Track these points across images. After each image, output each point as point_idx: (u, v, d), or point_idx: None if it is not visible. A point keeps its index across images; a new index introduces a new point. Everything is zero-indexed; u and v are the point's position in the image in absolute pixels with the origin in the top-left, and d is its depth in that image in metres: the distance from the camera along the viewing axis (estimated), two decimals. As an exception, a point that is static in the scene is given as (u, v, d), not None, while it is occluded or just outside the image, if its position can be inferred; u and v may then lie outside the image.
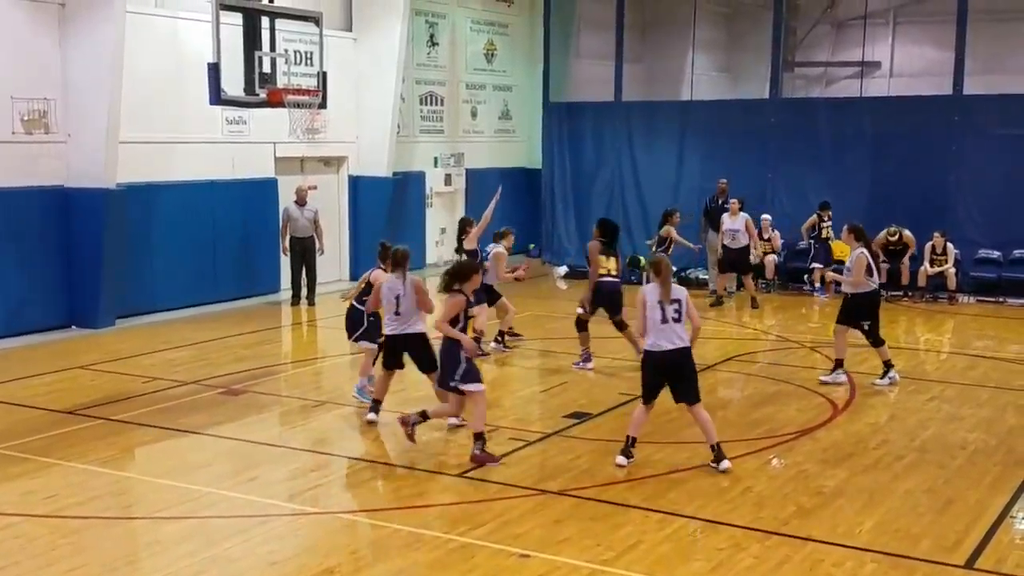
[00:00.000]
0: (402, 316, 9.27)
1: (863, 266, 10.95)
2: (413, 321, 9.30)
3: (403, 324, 9.29)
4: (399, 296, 9.22)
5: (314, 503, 7.80)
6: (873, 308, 11.25)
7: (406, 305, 9.22)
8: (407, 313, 9.25)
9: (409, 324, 9.29)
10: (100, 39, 13.54)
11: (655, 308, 8.23)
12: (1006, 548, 6.95)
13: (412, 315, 9.27)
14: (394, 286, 9.27)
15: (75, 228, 14.03)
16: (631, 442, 8.51)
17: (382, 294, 9.38)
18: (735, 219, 16.65)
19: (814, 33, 23.44)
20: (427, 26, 20.35)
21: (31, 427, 9.62)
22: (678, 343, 8.26)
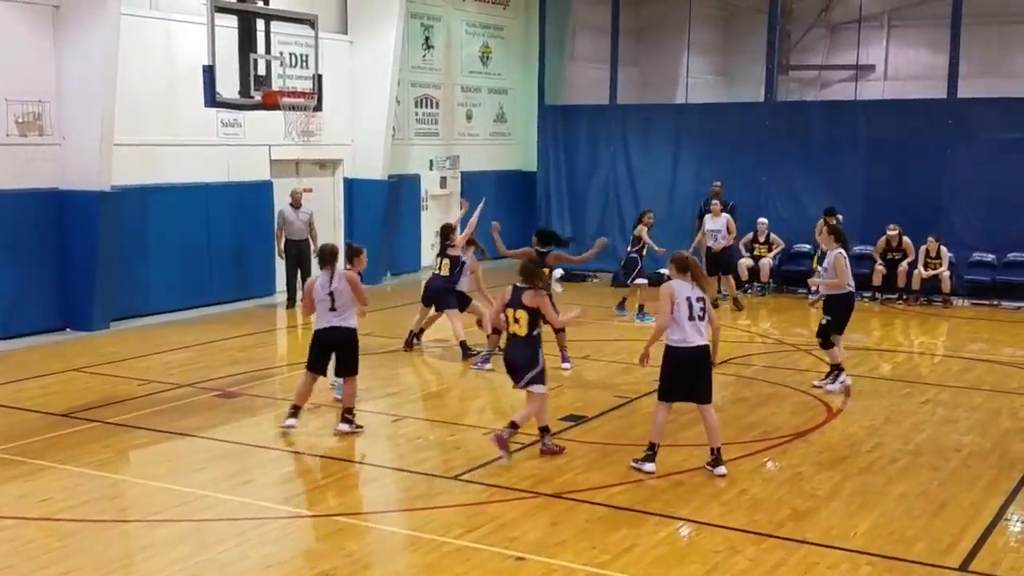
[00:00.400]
0: (338, 311, 9.26)
1: (843, 267, 10.98)
2: (347, 316, 9.30)
3: (337, 320, 9.28)
4: (333, 292, 9.20)
5: (309, 506, 7.79)
6: (848, 309, 11.24)
7: (342, 300, 9.23)
8: (343, 308, 9.26)
9: (343, 319, 9.29)
10: (95, 41, 13.53)
11: (683, 304, 8.18)
12: (1001, 551, 6.96)
13: (348, 309, 9.29)
14: (325, 283, 9.24)
15: (70, 231, 14.00)
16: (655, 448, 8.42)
17: (315, 293, 9.30)
18: (717, 220, 16.77)
19: (809, 36, 23.53)
20: (422, 29, 20.35)
21: (25, 430, 9.60)
22: (701, 341, 8.23)
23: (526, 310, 8.66)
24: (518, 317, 8.71)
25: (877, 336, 15.10)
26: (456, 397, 11.53)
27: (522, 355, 8.73)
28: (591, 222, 20.95)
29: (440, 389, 11.82)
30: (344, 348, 9.40)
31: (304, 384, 9.61)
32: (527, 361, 8.71)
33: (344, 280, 9.27)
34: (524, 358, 8.72)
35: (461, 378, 12.22)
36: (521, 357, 8.74)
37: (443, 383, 12.07)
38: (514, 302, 8.75)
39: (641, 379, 11.64)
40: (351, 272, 9.50)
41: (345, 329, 9.33)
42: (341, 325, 9.31)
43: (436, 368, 12.53)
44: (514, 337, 8.81)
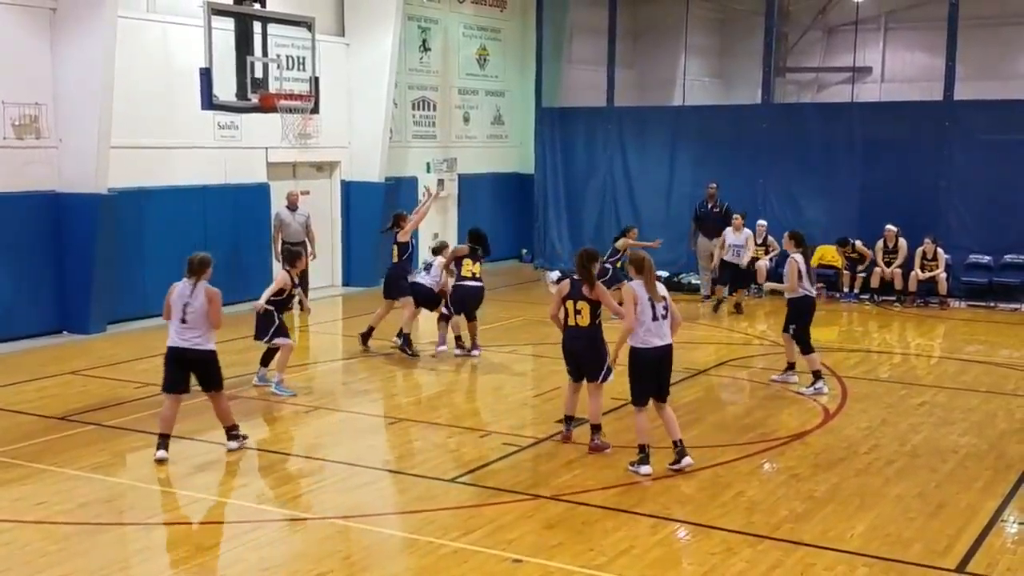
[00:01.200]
0: (188, 325, 8.70)
1: (795, 271, 11.12)
2: (201, 335, 8.72)
3: (192, 337, 8.70)
4: (187, 304, 8.70)
5: (306, 509, 7.79)
6: (803, 314, 11.31)
7: (195, 316, 8.70)
8: (194, 323, 8.70)
9: (196, 338, 8.70)
10: (91, 44, 13.52)
11: (647, 305, 8.32)
12: (997, 552, 6.97)
13: (202, 327, 8.73)
14: (184, 294, 8.76)
15: (66, 233, 13.99)
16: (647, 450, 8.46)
17: (171, 301, 8.79)
18: (738, 234, 16.61)
19: (806, 39, 23.56)
20: (419, 31, 20.36)
21: (22, 433, 9.59)
22: (663, 341, 8.39)
23: (587, 301, 8.86)
24: (580, 308, 8.89)
25: (873, 338, 15.11)
26: (453, 399, 11.52)
27: (590, 347, 8.95)
28: (588, 224, 20.98)
29: (437, 392, 11.81)
30: (201, 369, 8.83)
31: (167, 409, 8.79)
32: (597, 355, 8.93)
33: (203, 296, 8.73)
34: (592, 351, 8.95)
35: (458, 380, 12.22)
36: (589, 350, 8.95)
37: (440, 385, 12.06)
38: (575, 294, 8.90)
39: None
40: (214, 289, 8.87)
41: (199, 351, 8.74)
42: (194, 347, 8.70)
43: (433, 370, 12.52)
44: (576, 328, 8.95)
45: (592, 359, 8.97)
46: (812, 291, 11.39)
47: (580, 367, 9.07)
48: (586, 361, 9.01)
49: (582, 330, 8.92)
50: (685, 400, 10.96)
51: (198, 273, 8.89)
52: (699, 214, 17.74)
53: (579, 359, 9.04)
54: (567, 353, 9.13)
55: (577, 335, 8.96)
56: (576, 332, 8.97)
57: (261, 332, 11.04)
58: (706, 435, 9.72)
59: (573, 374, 9.19)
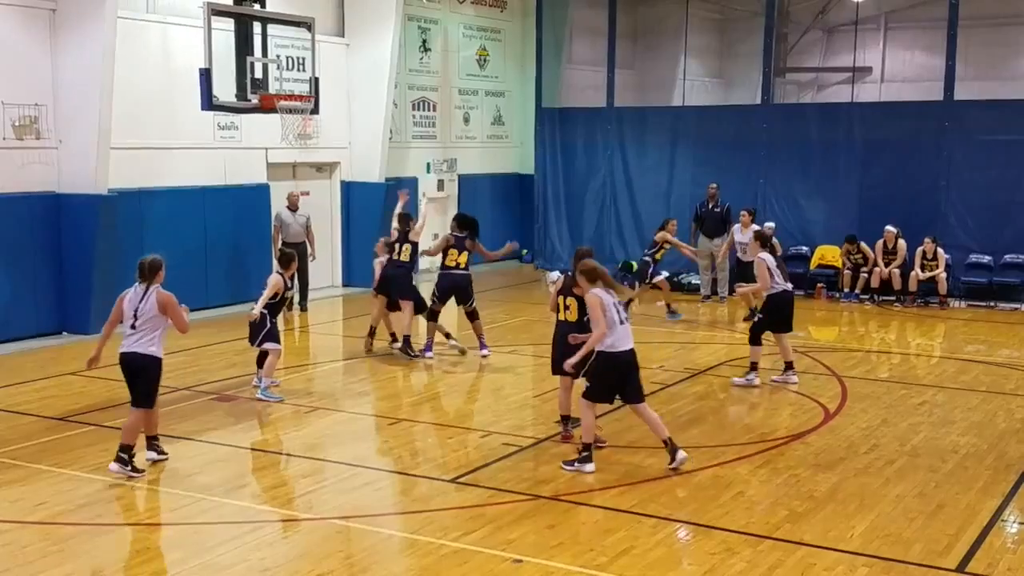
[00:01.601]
0: (137, 331, 8.34)
1: (763, 270, 11.30)
2: (149, 340, 8.35)
3: (137, 341, 8.35)
4: (137, 310, 8.34)
5: (307, 509, 7.79)
6: (781, 308, 11.47)
7: (145, 321, 8.33)
8: (144, 329, 8.33)
9: (143, 342, 8.35)
10: (91, 45, 13.53)
11: (612, 309, 8.37)
12: (997, 552, 6.97)
13: (151, 333, 8.35)
14: (135, 299, 8.39)
15: (66, 234, 14.00)
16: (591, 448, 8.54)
17: (123, 307, 8.42)
18: (746, 231, 16.33)
19: (805, 39, 23.56)
20: (419, 32, 20.37)
21: (22, 434, 9.59)
22: (631, 344, 8.47)
23: (576, 298, 8.94)
24: (568, 304, 9.01)
25: (874, 338, 15.11)
26: (454, 399, 11.52)
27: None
28: (588, 224, 20.99)
29: (438, 392, 11.81)
30: (141, 376, 8.40)
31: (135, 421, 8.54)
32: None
33: (155, 300, 8.35)
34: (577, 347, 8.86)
35: (459, 380, 12.22)
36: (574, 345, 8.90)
37: (441, 386, 12.06)
38: (566, 290, 9.03)
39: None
40: (167, 293, 8.48)
41: (143, 355, 8.34)
42: (139, 351, 8.33)
43: (433, 370, 12.53)
44: (565, 324, 9.04)
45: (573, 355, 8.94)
46: (788, 285, 11.56)
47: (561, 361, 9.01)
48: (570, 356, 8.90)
49: (570, 325, 9.01)
50: (685, 400, 10.97)
51: (149, 278, 8.46)
52: (700, 214, 17.74)
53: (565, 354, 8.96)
54: (556, 346, 9.17)
55: (566, 330, 9.04)
56: (565, 327, 9.05)
57: (252, 336, 10.97)
58: (706, 435, 9.72)
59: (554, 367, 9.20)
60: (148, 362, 8.37)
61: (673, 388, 11.46)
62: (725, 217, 17.34)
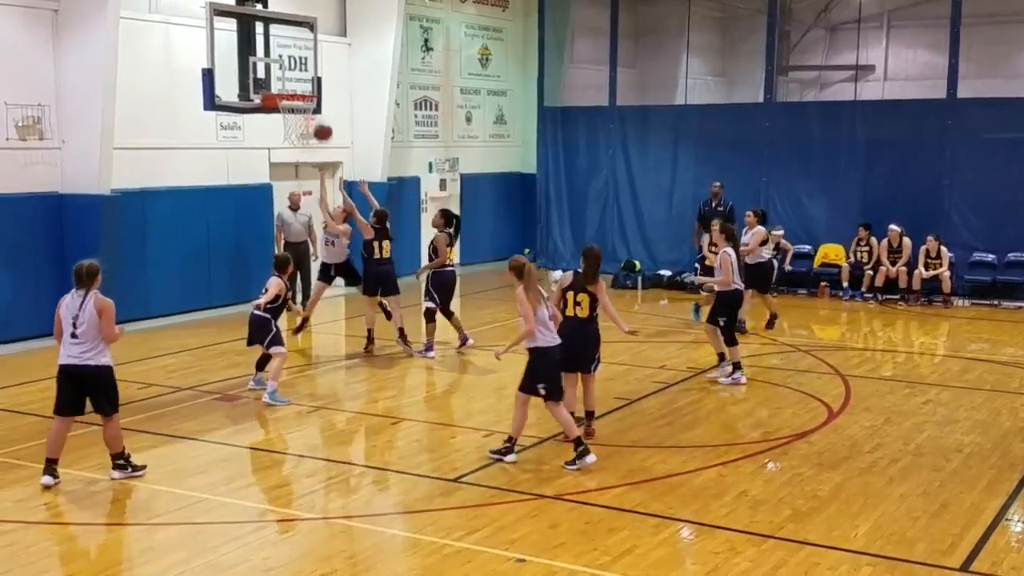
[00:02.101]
0: (79, 340, 8.03)
1: (728, 265, 11.32)
2: (95, 350, 8.06)
3: (83, 352, 8.04)
4: (76, 317, 8.01)
5: (309, 509, 7.79)
6: (733, 307, 11.60)
7: (85, 330, 8.02)
8: (86, 338, 8.02)
9: (87, 353, 8.05)
10: (94, 45, 13.52)
11: (542, 306, 8.59)
12: (1001, 551, 6.96)
13: (93, 341, 8.04)
14: (73, 306, 8.06)
15: (69, 234, 13.99)
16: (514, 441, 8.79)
17: (60, 315, 8.10)
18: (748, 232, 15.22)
19: (808, 37, 23.53)
20: (421, 31, 20.35)
21: (25, 434, 9.59)
22: (557, 341, 8.64)
23: (588, 294, 9.04)
24: (580, 300, 9.08)
25: (878, 337, 15.09)
26: (456, 399, 11.52)
27: (590, 338, 9.18)
28: (591, 224, 20.98)
29: (440, 391, 11.81)
30: (95, 388, 8.14)
31: (56, 432, 8.17)
32: (594, 347, 9.20)
33: (92, 307, 8.01)
34: (592, 341, 9.18)
35: (461, 380, 12.22)
36: (590, 340, 9.18)
37: (443, 385, 12.05)
38: (576, 286, 9.11)
39: (641, 381, 11.66)
40: (105, 300, 8.13)
41: (93, 368, 8.04)
42: (88, 363, 8.03)
43: (436, 370, 12.52)
44: (575, 320, 9.10)
45: (590, 350, 9.19)
46: (741, 284, 11.72)
47: (575, 358, 9.10)
48: (582, 352, 9.12)
49: (581, 321, 9.09)
50: (688, 399, 10.96)
51: (87, 283, 8.11)
52: (703, 213, 17.70)
53: (576, 350, 9.07)
54: (564, 343, 9.07)
55: (576, 326, 9.08)
56: (575, 323, 9.08)
57: (256, 338, 10.90)
58: (709, 434, 9.71)
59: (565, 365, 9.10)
60: (100, 372, 8.12)
61: (675, 387, 11.45)
62: (728, 216, 17.31)
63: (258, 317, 10.85)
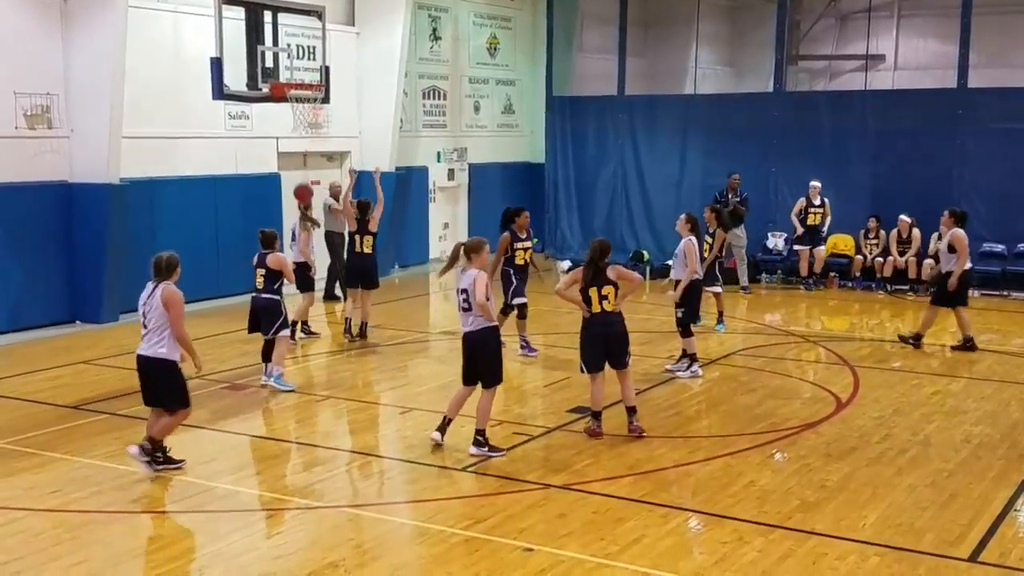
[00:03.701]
0: (147, 331, 8.08)
1: (693, 253, 11.32)
2: (159, 341, 8.04)
3: (149, 343, 8.08)
4: (145, 306, 8.10)
5: (318, 497, 7.81)
6: (693, 298, 11.59)
7: (152, 320, 8.04)
8: (154, 330, 8.04)
9: (153, 346, 8.06)
10: (102, 34, 13.54)
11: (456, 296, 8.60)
12: (1010, 542, 6.94)
13: (158, 333, 8.03)
14: (144, 297, 8.17)
15: (78, 223, 14.04)
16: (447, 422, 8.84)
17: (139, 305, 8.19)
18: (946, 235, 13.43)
19: (818, 26, 23.41)
20: (430, 20, 20.32)
21: (36, 422, 9.64)
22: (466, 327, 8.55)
23: (612, 284, 8.92)
24: (606, 293, 8.91)
25: (887, 327, 15.05)
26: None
27: (623, 331, 9.03)
28: (599, 213, 20.94)
29: (449, 381, 11.81)
30: (152, 380, 8.11)
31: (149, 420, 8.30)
32: (627, 340, 9.08)
33: (159, 297, 7.96)
34: (625, 334, 9.04)
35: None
36: (623, 334, 9.03)
37: (452, 375, 12.05)
38: (601, 279, 8.90)
39: (649, 371, 11.65)
40: (173, 291, 8.07)
41: (154, 360, 8.00)
42: (150, 355, 8.02)
43: (444, 359, 12.53)
44: (606, 315, 8.94)
45: (624, 344, 9.04)
46: (700, 274, 11.70)
47: (610, 353, 9.00)
48: (617, 347, 8.98)
49: (613, 315, 8.93)
50: (696, 389, 10.95)
51: (163, 275, 8.13)
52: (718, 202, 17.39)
53: (614, 345, 8.97)
54: (600, 340, 8.99)
55: (610, 321, 8.94)
56: (608, 318, 8.93)
57: (264, 324, 10.83)
58: (717, 424, 9.71)
59: (599, 362, 9.03)
60: (160, 363, 8.03)
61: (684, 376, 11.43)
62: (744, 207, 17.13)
63: (266, 301, 10.80)
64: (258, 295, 10.83)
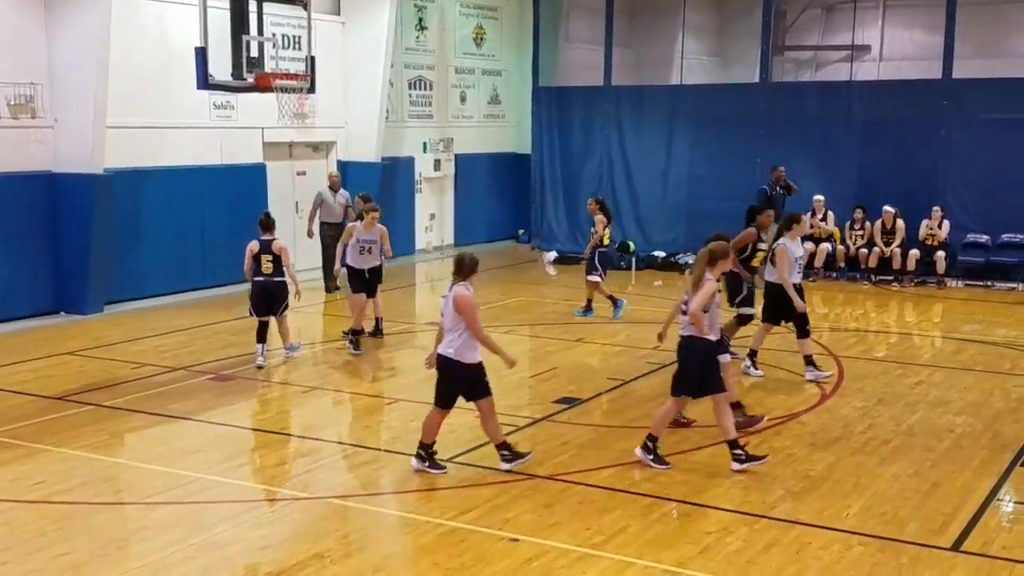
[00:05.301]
0: (445, 330, 7.87)
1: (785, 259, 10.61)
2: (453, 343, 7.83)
3: (448, 343, 7.83)
4: (443, 308, 7.88)
5: (304, 488, 7.81)
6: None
7: (447, 319, 7.79)
8: (449, 331, 7.82)
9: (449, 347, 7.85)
10: (86, 23, 13.45)
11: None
12: (992, 531, 7.00)
13: (453, 333, 7.81)
14: (443, 295, 7.96)
15: (63, 214, 13.97)
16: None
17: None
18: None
19: (804, 17, 23.41)
20: (416, 10, 20.25)
21: (20, 413, 9.60)
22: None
23: None
24: None
25: (871, 318, 15.13)
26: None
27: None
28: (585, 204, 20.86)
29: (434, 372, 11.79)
30: (444, 381, 8.00)
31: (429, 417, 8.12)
32: None
33: (452, 299, 7.71)
34: None
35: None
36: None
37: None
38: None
39: (635, 362, 11.68)
40: (463, 294, 7.70)
41: (450, 361, 7.81)
42: (441, 353, 7.85)
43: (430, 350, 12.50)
44: None
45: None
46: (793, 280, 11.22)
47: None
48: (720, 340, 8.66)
49: None
50: (682, 380, 10.97)
51: (461, 274, 7.80)
52: (771, 196, 16.85)
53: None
54: None
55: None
56: None
57: (276, 306, 11.38)
58: (703, 415, 9.71)
59: None
60: (457, 365, 7.80)
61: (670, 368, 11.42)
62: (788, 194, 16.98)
63: (278, 284, 11.27)
64: (269, 279, 11.27)
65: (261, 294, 11.28)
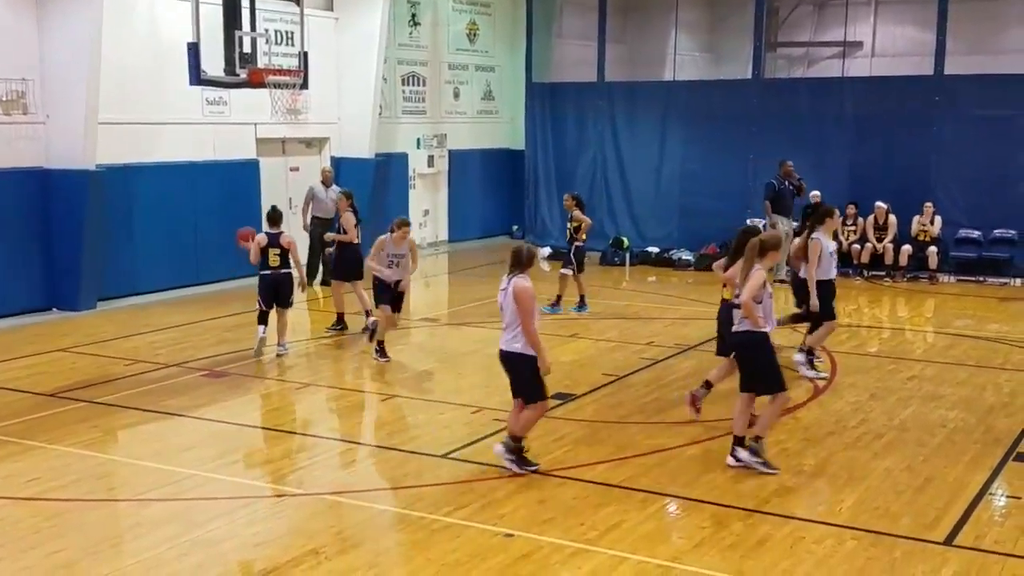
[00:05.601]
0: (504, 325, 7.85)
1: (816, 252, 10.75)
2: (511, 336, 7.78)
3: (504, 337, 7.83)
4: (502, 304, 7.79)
5: (298, 484, 7.80)
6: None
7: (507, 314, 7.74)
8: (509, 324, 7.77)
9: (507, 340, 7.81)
10: (78, 18, 13.41)
11: None
12: (985, 525, 7.02)
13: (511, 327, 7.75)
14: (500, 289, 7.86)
15: (55, 210, 13.93)
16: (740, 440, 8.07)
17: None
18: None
19: (796, 13, 23.45)
20: (409, 6, 20.22)
21: (13, 410, 9.58)
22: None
23: None
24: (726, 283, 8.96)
25: (864, 313, 15.16)
26: (445, 376, 11.52)
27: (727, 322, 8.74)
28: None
29: (429, 368, 11.82)
30: (515, 374, 7.88)
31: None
32: None
33: (512, 291, 7.59)
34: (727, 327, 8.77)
35: (450, 357, 12.22)
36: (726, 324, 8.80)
37: (432, 362, 12.06)
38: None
39: (629, 357, 11.70)
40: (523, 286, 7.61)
41: (506, 353, 7.80)
42: (503, 348, 7.81)
43: (425, 347, 12.53)
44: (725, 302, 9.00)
45: None
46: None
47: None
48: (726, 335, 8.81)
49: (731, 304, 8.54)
50: (676, 375, 11.00)
51: (517, 267, 7.72)
52: (778, 191, 16.89)
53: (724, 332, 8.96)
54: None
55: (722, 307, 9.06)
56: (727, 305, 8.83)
57: (286, 297, 11.62)
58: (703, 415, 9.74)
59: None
60: (514, 358, 7.75)
61: (664, 362, 11.50)
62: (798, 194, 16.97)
63: (285, 276, 11.53)
64: (276, 271, 11.49)
65: (270, 287, 11.50)
